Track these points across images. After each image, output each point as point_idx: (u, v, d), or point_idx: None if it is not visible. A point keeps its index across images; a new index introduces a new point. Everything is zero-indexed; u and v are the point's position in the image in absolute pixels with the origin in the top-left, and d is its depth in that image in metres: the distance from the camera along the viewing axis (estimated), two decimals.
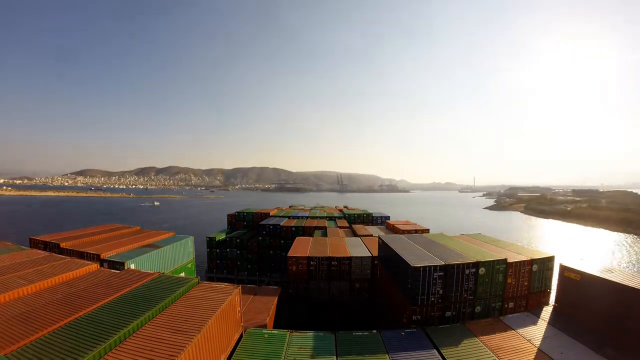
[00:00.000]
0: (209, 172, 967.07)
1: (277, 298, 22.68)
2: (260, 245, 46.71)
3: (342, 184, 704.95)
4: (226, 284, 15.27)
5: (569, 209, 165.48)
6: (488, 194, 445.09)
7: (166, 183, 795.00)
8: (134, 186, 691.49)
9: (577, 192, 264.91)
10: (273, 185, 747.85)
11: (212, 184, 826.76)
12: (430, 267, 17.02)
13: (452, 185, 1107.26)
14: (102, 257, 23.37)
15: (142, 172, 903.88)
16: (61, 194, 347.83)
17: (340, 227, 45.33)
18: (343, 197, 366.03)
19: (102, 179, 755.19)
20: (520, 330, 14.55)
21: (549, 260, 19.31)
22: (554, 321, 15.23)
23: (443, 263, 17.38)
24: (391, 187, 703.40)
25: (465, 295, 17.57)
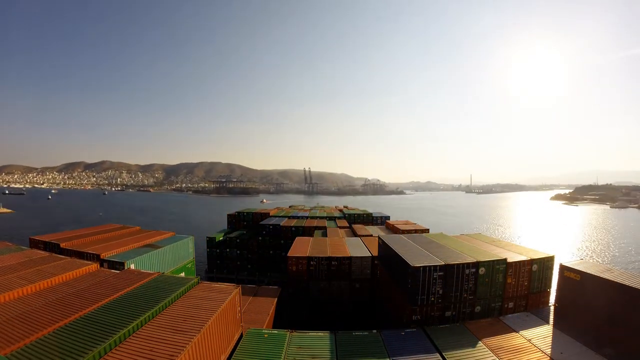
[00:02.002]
0: (148, 168, 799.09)
1: (277, 298, 22.70)
2: (260, 245, 46.71)
3: (312, 183, 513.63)
4: (226, 284, 15.25)
5: None
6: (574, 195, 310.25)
7: (85, 181, 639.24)
8: (42, 184, 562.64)
9: None
10: (211, 185, 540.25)
11: (144, 182, 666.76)
12: (430, 267, 17.03)
13: (434, 185, 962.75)
14: (102, 257, 23.37)
15: (68, 167, 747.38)
16: None
17: (340, 227, 45.32)
18: (312, 200, 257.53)
19: (15, 176, 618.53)
20: (520, 330, 14.56)
21: (549, 260, 19.32)
22: (553, 321, 15.24)
23: (443, 263, 17.38)
24: (377, 188, 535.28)
25: (465, 295, 17.57)
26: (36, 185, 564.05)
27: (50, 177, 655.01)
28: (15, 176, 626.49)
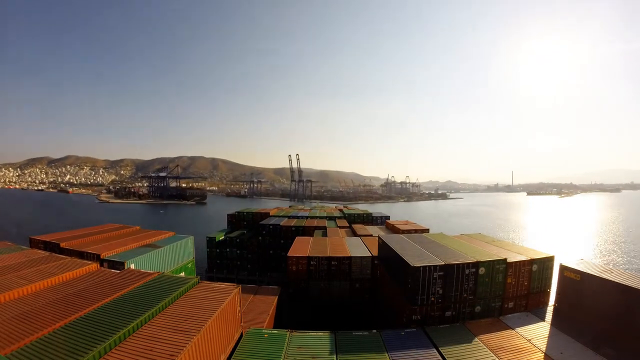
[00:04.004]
0: (117, 164, 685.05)
1: (277, 298, 22.70)
2: (260, 245, 46.73)
3: (301, 180, 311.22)
4: (226, 283, 15.24)
5: None
6: None
7: (37, 179, 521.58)
8: None
9: None
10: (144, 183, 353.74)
11: (98, 181, 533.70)
12: (430, 266, 17.03)
13: (457, 185, 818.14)
14: (102, 257, 23.36)
15: (30, 163, 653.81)
16: None
17: (340, 227, 45.32)
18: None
19: None
20: (520, 330, 14.56)
21: (549, 260, 19.32)
22: (553, 321, 15.25)
23: (443, 263, 17.39)
24: (403, 189, 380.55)
25: (465, 295, 17.57)
26: None
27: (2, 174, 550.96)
28: None
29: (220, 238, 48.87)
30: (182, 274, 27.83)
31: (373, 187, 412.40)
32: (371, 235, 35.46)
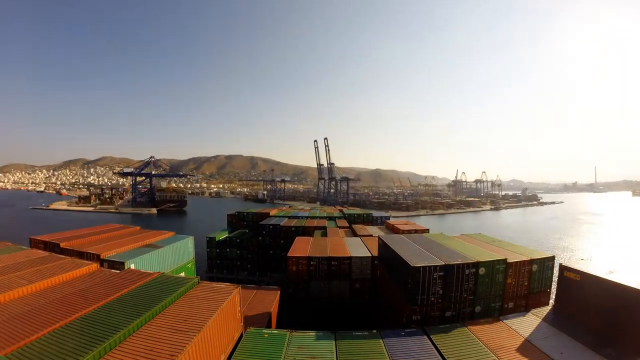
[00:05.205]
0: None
1: (277, 298, 22.72)
2: (260, 245, 46.72)
3: (331, 179, 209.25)
4: (226, 283, 15.25)
5: None
6: None
7: (63, 179, 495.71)
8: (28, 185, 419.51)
9: None
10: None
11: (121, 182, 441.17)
12: (430, 267, 17.03)
13: (522, 184, 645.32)
14: (102, 257, 23.36)
15: (65, 165, 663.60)
16: None
17: (340, 227, 45.33)
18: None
19: (18, 174, 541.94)
20: (520, 330, 14.56)
21: (549, 260, 19.33)
22: (553, 321, 15.24)
23: (443, 263, 17.38)
24: (486, 190, 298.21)
25: (465, 295, 17.57)
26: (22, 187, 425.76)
27: (34, 175, 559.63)
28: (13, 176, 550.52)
29: (220, 238, 48.88)
30: (182, 274, 27.82)
31: (436, 188, 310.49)
32: (371, 236, 35.46)
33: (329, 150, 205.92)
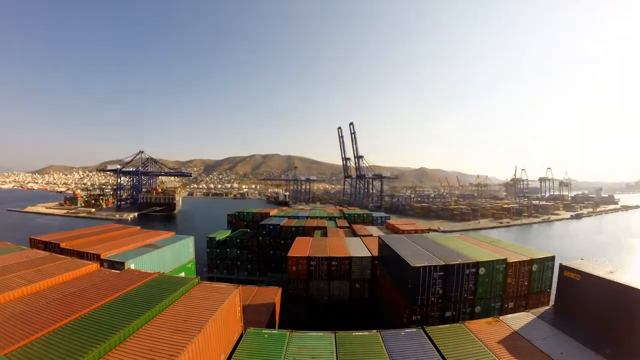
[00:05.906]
0: (186, 164, 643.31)
1: (277, 298, 22.69)
2: (260, 245, 46.73)
3: (360, 176, 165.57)
4: (226, 284, 15.25)
5: None
6: None
7: (95, 180, 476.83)
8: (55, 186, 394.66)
9: None
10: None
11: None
12: (430, 267, 17.04)
13: (575, 184, 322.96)
14: (102, 257, 23.36)
15: (100, 167, 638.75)
16: None
17: (340, 227, 45.37)
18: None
19: (55, 176, 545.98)
20: (520, 330, 14.55)
21: (549, 260, 19.35)
22: (553, 321, 15.24)
23: (443, 263, 17.40)
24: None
25: (465, 295, 17.59)
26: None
27: (69, 177, 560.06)
28: (50, 177, 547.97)
29: (220, 238, 48.89)
30: (182, 274, 27.81)
31: (489, 188, 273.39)
32: (371, 236, 35.49)
33: (355, 139, 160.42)
